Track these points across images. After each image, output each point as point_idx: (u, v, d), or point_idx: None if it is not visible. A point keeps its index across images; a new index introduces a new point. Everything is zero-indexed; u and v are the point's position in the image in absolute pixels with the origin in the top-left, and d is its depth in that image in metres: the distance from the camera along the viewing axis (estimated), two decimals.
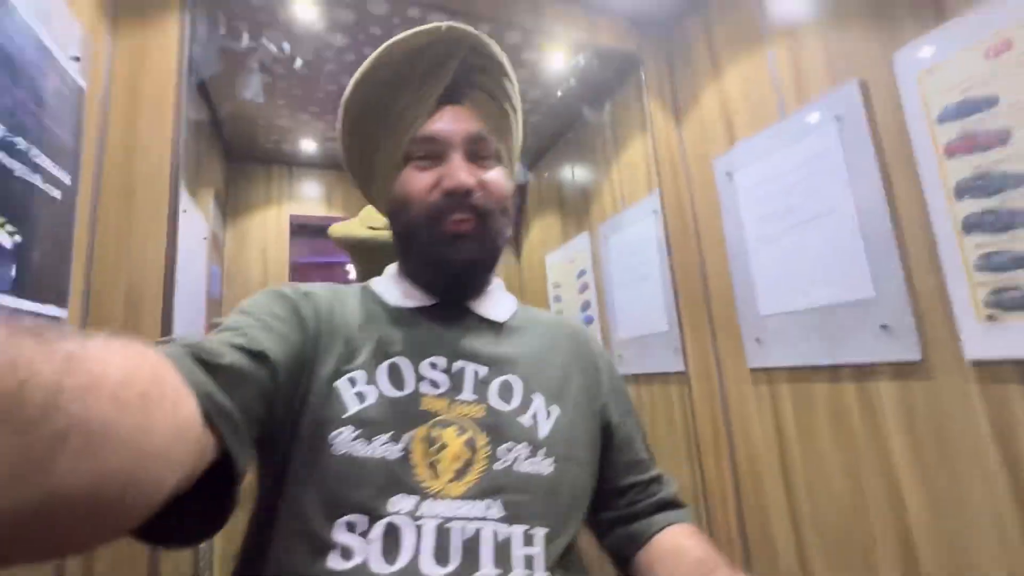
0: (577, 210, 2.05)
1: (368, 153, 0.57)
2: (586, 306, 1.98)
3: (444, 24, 0.53)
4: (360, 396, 0.47)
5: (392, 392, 0.48)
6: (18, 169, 0.66)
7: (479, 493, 0.45)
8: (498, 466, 0.47)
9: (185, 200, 1.22)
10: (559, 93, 1.84)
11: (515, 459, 0.48)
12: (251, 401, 0.40)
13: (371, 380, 0.49)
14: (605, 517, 0.60)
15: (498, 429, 0.49)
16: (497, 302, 0.61)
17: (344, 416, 0.46)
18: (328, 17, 1.38)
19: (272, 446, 0.47)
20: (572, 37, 1.48)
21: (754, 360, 1.28)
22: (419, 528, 0.43)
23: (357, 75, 0.54)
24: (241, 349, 0.41)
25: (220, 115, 1.81)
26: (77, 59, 0.82)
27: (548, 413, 0.53)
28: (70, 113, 0.80)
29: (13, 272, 0.65)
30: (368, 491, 0.43)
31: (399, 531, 0.42)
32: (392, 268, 0.62)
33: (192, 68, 1.10)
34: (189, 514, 0.33)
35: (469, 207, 0.52)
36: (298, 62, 1.56)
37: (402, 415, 0.47)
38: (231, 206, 2.20)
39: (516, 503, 0.46)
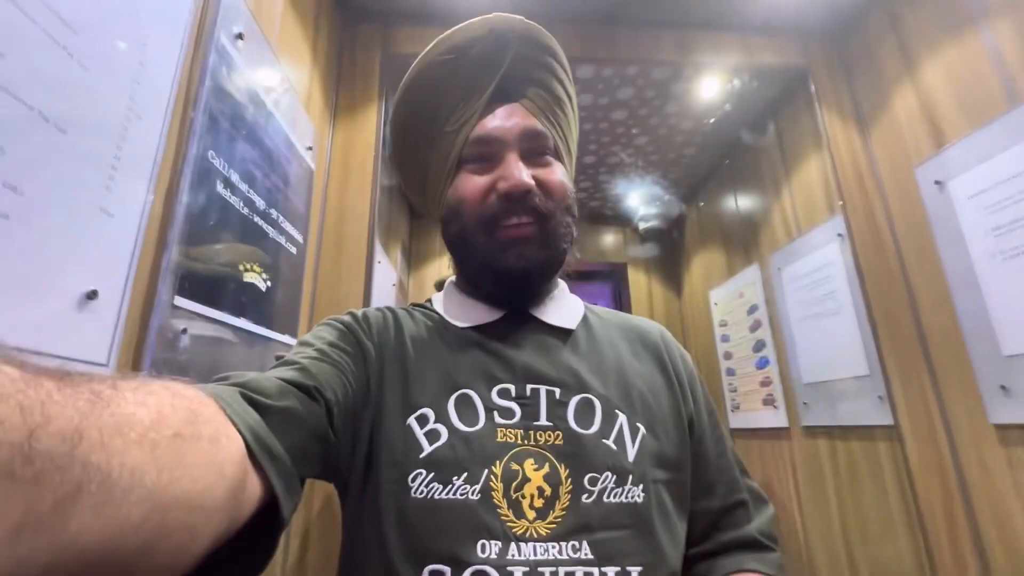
0: (744, 241, 1.89)
1: (420, 161, 0.55)
2: (760, 346, 1.77)
3: (491, 15, 0.50)
4: (432, 435, 0.45)
5: (464, 428, 0.46)
6: (271, 232, 0.90)
7: (566, 532, 0.42)
8: (585, 499, 0.44)
9: (379, 253, 1.47)
10: (711, 120, 1.76)
11: (602, 491, 0.44)
12: (304, 439, 0.38)
13: (441, 417, 0.46)
14: (688, 552, 0.51)
15: (579, 458, 0.46)
16: (562, 307, 0.57)
17: (420, 457, 0.44)
18: None
19: (344, 483, 0.47)
20: (724, 62, 1.42)
21: (1000, 414, 0.99)
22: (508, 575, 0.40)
23: (405, 80, 0.52)
24: (296, 384, 0.40)
25: None
26: (310, 148, 1.09)
27: (633, 433, 0.48)
28: (304, 189, 1.06)
29: (266, 309, 0.87)
30: (451, 539, 0.41)
31: None
32: (451, 283, 0.60)
33: (385, 144, 1.35)
34: (228, 556, 0.30)
35: (528, 209, 0.49)
36: None
37: (478, 451, 0.45)
38: (414, 256, 2.57)
39: (605, 541, 0.43)
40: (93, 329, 0.49)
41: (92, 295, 0.49)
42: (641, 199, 2.36)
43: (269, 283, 0.88)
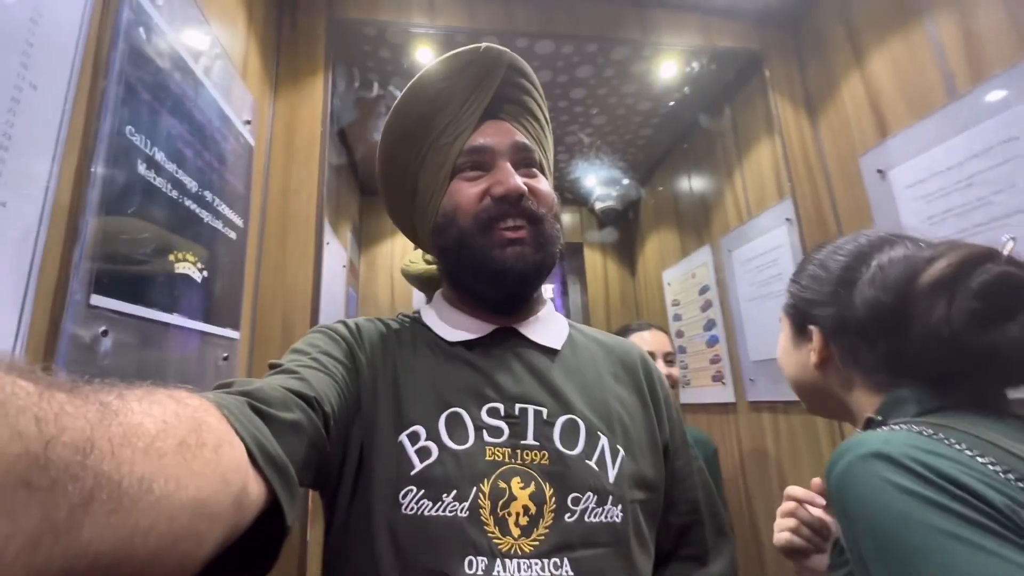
0: (696, 223, 1.93)
1: (412, 178, 0.57)
2: (711, 325, 1.83)
3: (482, 45, 0.54)
4: (423, 452, 0.47)
5: (454, 446, 0.47)
6: (207, 217, 0.81)
7: (548, 550, 0.44)
8: (568, 518, 0.46)
9: (328, 234, 1.39)
10: (671, 103, 1.77)
11: (583, 511, 0.47)
12: (304, 449, 0.39)
13: (431, 434, 0.48)
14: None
15: (563, 478, 0.48)
16: (548, 326, 0.59)
17: (411, 474, 0.46)
18: None
19: (332, 494, 0.48)
20: (684, 43, 1.41)
21: None
22: None
23: (398, 103, 0.55)
24: (298, 395, 0.40)
25: (356, 156, 2.05)
26: (248, 122, 0.99)
27: (614, 455, 0.51)
28: (243, 167, 0.96)
29: (202, 302, 0.79)
30: (440, 555, 0.43)
31: None
32: (439, 296, 0.61)
33: (333, 119, 1.26)
34: (231, 563, 0.31)
35: (522, 212, 0.52)
36: None
37: (467, 469, 0.46)
38: (364, 236, 2.46)
39: (585, 559, 0.45)
40: None
41: None
42: (598, 179, 2.36)
43: (205, 273, 0.80)
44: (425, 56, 1.47)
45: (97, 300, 0.55)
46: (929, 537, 0.34)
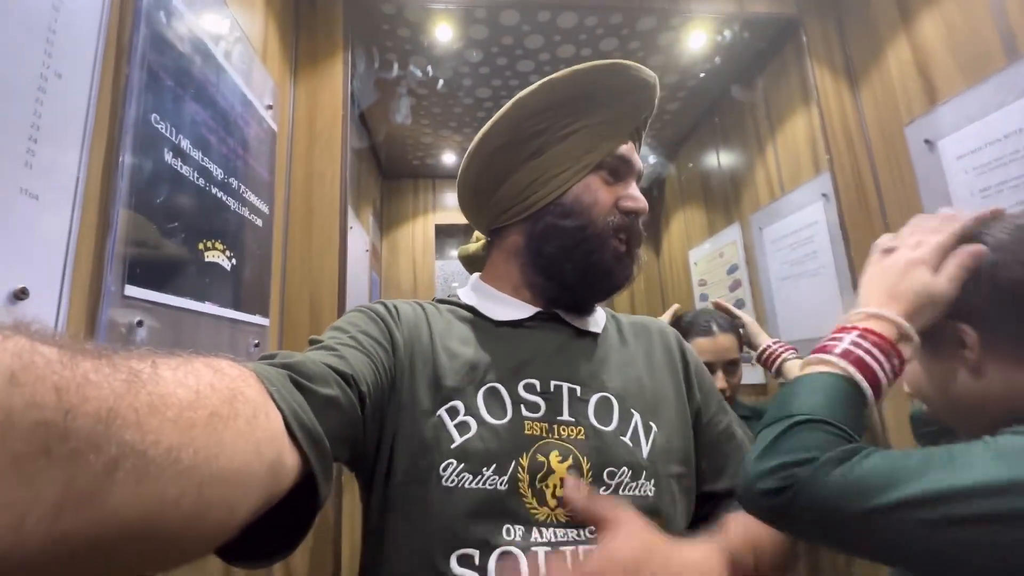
0: (725, 200, 1.86)
1: (546, 140, 0.56)
2: (740, 304, 1.78)
3: (654, 76, 0.57)
4: (462, 426, 0.48)
5: (492, 420, 0.48)
6: (233, 204, 0.81)
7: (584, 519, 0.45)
8: (603, 491, 0.47)
9: (351, 218, 1.38)
10: (701, 75, 1.69)
11: (618, 485, 0.48)
12: (342, 425, 0.40)
13: (470, 409, 0.49)
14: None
15: (600, 451, 0.49)
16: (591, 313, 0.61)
17: (451, 448, 0.47)
18: (465, 36, 1.45)
19: (369, 469, 0.49)
20: (715, 11, 1.34)
21: None
22: (531, 555, 0.43)
23: (563, 73, 0.55)
24: (336, 371, 0.41)
25: (376, 139, 2.03)
26: (270, 107, 0.98)
27: (647, 430, 0.52)
28: (267, 153, 0.96)
29: (232, 290, 0.79)
30: (481, 525, 0.44)
31: (514, 559, 0.43)
32: (479, 280, 0.62)
33: (354, 101, 1.24)
34: (266, 532, 0.32)
35: (635, 231, 0.55)
36: (440, 83, 1.67)
37: (506, 443, 0.47)
38: (386, 219, 2.46)
39: None
40: None
41: (21, 294, 0.41)
42: None
43: (234, 261, 0.80)
44: (445, 33, 1.43)
45: (131, 291, 0.55)
46: None
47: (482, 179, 0.59)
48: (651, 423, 0.53)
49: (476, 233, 0.70)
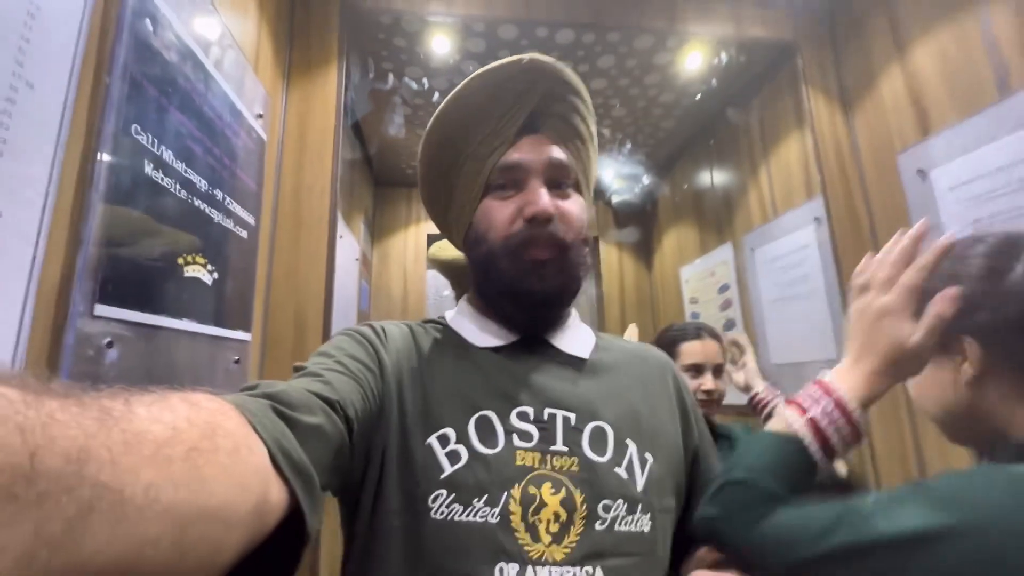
0: (718, 219, 1.87)
1: (448, 183, 0.57)
2: (730, 325, 1.78)
3: (526, 57, 0.52)
4: (452, 455, 0.46)
5: (484, 450, 0.47)
6: (217, 216, 0.78)
7: (580, 558, 0.44)
8: (598, 526, 0.45)
9: (341, 227, 1.36)
10: (697, 96, 1.70)
11: (614, 519, 0.46)
12: (327, 453, 0.38)
13: (461, 438, 0.47)
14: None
15: (594, 484, 0.47)
16: (576, 335, 0.59)
17: (441, 478, 0.45)
18: (462, 48, 1.44)
19: (355, 500, 0.47)
20: (713, 33, 1.35)
21: None
22: None
23: (441, 108, 0.55)
24: (322, 398, 0.40)
25: (370, 148, 2.01)
26: (260, 116, 0.96)
27: (643, 462, 0.50)
28: (255, 163, 0.93)
29: (213, 305, 0.77)
30: (470, 561, 0.42)
31: None
32: (465, 302, 0.61)
33: (347, 111, 1.22)
34: (253, 570, 0.30)
35: (549, 236, 0.51)
36: (436, 95, 1.66)
37: (497, 474, 0.46)
38: (377, 228, 2.44)
39: (617, 568, 0.45)
40: None
41: None
42: (616, 173, 2.30)
43: (216, 275, 0.77)
44: (442, 45, 1.42)
45: (102, 310, 0.52)
46: None
47: (431, 210, 0.61)
48: (647, 455, 0.51)
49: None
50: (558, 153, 0.54)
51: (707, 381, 1.14)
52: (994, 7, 0.97)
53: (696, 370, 1.14)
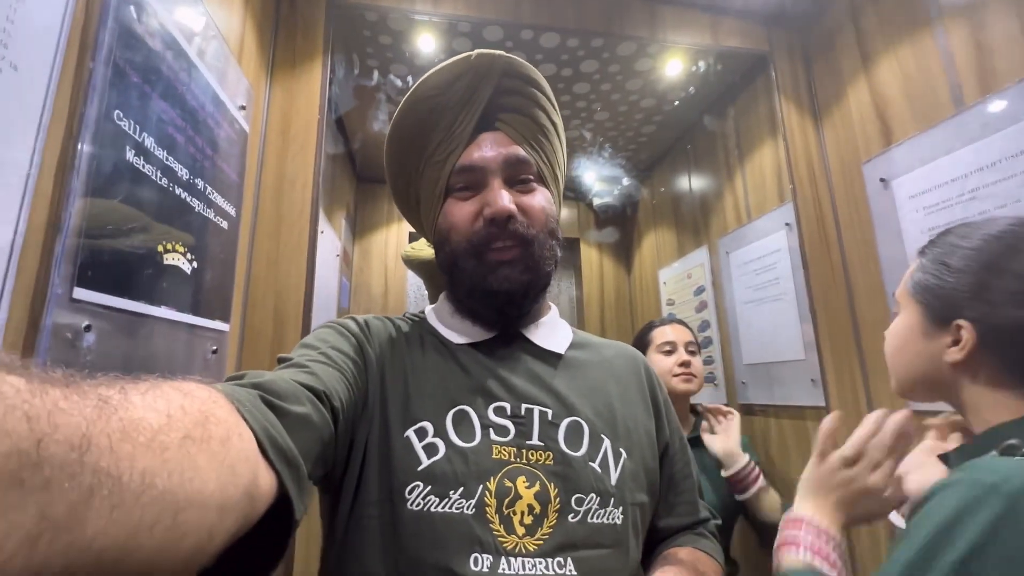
0: (695, 223, 1.92)
1: (413, 190, 0.58)
2: (705, 326, 1.83)
3: (474, 53, 0.52)
4: (430, 448, 0.47)
5: (461, 443, 0.48)
6: (197, 206, 0.78)
7: (553, 549, 0.45)
8: (571, 519, 0.47)
9: (322, 222, 1.36)
10: (676, 102, 1.74)
11: (587, 512, 0.47)
12: (313, 442, 0.39)
13: (439, 431, 0.48)
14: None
15: (568, 478, 0.48)
16: (553, 331, 0.60)
17: (418, 470, 0.46)
18: (448, 48, 1.46)
19: (336, 490, 0.48)
20: (692, 42, 1.39)
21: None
22: None
23: (395, 116, 0.54)
24: (308, 388, 0.40)
25: (353, 144, 2.01)
26: (243, 108, 0.96)
27: (616, 457, 0.51)
28: (237, 155, 0.93)
29: (191, 294, 0.77)
30: (446, 552, 0.43)
31: None
32: (443, 299, 0.62)
33: (331, 106, 1.22)
34: (241, 556, 0.31)
35: (511, 234, 0.51)
36: None
37: (473, 467, 0.47)
38: (359, 224, 2.43)
39: (588, 559, 0.46)
40: None
41: None
42: (597, 176, 2.34)
43: (195, 264, 0.77)
44: (427, 44, 1.43)
45: (80, 293, 0.52)
46: None
47: (404, 213, 0.63)
48: (621, 450, 0.52)
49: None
50: (515, 148, 0.54)
51: (681, 355, 1.25)
52: (949, 25, 1.03)
53: (669, 348, 1.26)
